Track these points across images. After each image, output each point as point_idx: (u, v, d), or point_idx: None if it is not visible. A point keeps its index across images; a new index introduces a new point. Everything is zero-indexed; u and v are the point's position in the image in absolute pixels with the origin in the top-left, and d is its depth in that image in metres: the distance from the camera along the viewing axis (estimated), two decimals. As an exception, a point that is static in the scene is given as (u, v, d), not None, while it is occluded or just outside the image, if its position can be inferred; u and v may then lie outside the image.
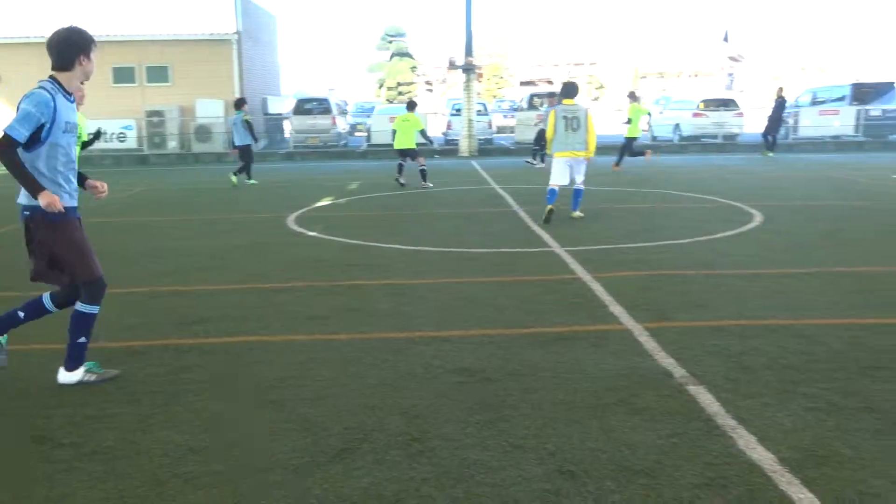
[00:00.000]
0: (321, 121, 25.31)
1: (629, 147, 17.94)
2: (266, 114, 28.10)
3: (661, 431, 3.32)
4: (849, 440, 3.20)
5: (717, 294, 5.80)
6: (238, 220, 10.76)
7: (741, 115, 25.28)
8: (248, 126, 15.71)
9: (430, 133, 22.92)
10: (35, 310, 4.15)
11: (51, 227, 3.87)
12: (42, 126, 3.76)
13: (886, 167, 16.86)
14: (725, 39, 69.98)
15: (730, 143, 24.31)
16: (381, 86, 68.87)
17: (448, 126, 26.92)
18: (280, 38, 34.63)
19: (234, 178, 15.79)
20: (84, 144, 8.25)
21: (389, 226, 9.81)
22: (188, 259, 7.79)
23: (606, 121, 31.64)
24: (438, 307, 5.59)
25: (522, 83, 67.00)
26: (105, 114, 22.22)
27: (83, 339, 4.04)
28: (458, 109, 25.30)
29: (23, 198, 3.87)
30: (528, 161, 19.47)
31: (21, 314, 4.14)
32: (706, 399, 3.67)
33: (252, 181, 16.06)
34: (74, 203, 4.01)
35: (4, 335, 4.15)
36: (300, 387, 3.98)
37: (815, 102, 25.48)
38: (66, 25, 3.94)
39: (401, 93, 65.48)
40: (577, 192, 9.82)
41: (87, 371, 4.08)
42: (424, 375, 4.11)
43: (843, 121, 24.20)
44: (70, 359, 4.06)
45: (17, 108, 3.76)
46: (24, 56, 21.82)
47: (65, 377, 4.06)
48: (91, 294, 4.01)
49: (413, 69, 69.81)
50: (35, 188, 3.76)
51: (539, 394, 3.79)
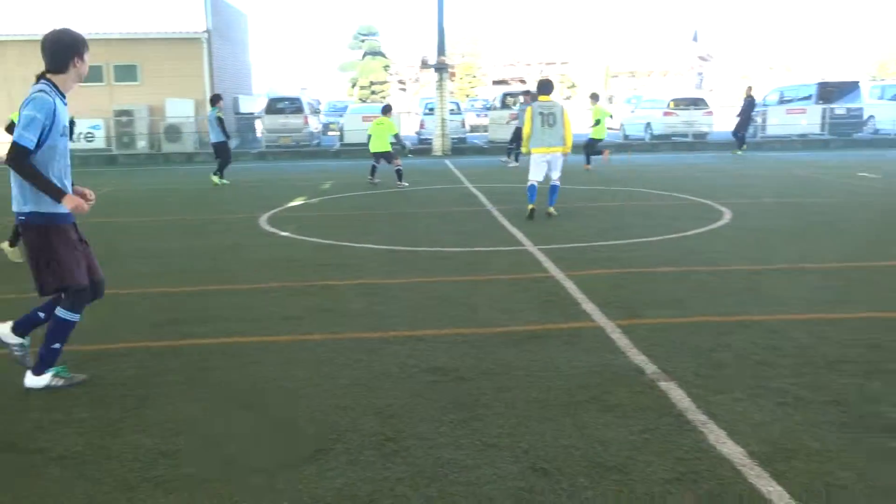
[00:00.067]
0: (293, 120, 25.12)
1: (593, 146, 18.22)
2: (237, 113, 27.85)
3: (633, 427, 3.35)
4: (816, 433, 3.26)
5: (688, 291, 5.87)
6: (209, 221, 10.64)
7: (711, 114, 25.64)
8: (220, 123, 15.48)
9: (404, 132, 23.00)
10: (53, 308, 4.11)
11: (43, 232, 3.82)
12: (43, 129, 3.72)
13: (851, 165, 17.20)
14: (695, 39, 70.84)
15: (700, 142, 24.62)
16: (354, 85, 68.54)
17: (421, 125, 26.84)
18: (251, 37, 34.40)
19: (216, 179, 15.61)
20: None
21: (362, 225, 9.78)
22: (157, 261, 7.68)
23: (579, 120, 31.78)
24: (412, 307, 5.59)
25: (495, 82, 67.12)
26: (72, 113, 21.56)
27: (58, 346, 3.98)
28: (432, 109, 25.25)
29: (16, 204, 3.82)
30: (503, 160, 19.47)
31: (42, 315, 4.09)
32: (677, 395, 3.72)
33: (224, 180, 15.90)
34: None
35: (27, 336, 4.09)
36: (273, 388, 3.96)
37: (783, 101, 25.93)
38: (58, 27, 3.90)
39: (374, 92, 65.22)
40: (554, 189, 9.98)
41: (55, 376, 4.02)
42: (398, 375, 4.10)
43: (810, 119, 24.64)
44: (41, 363, 3.99)
45: (20, 115, 3.71)
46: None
47: (32, 381, 3.99)
48: (73, 301, 3.95)
49: (386, 68, 69.59)
50: (57, 194, 3.74)
51: (513, 392, 3.81)
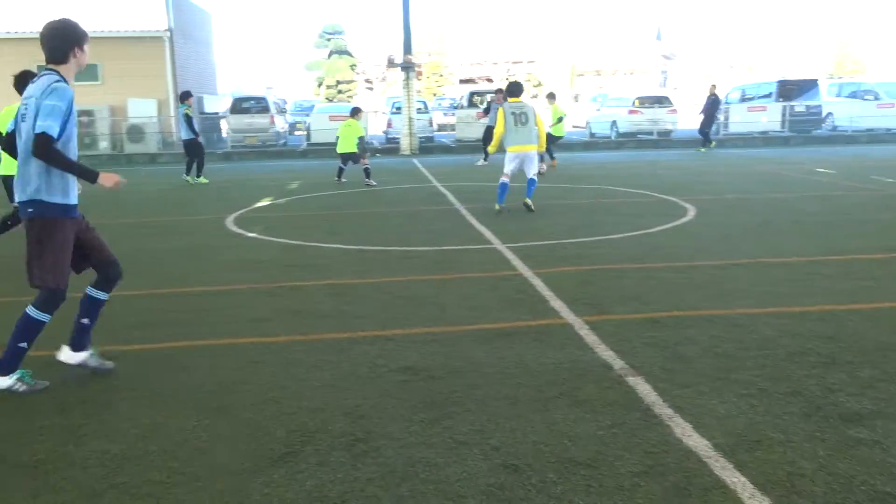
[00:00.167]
0: (259, 120, 24.88)
1: (552, 143, 18.38)
2: (202, 113, 27.39)
3: (602, 422, 3.39)
4: (778, 424, 3.33)
5: (653, 286, 5.95)
6: (175, 222, 10.49)
7: (675, 112, 26.02)
8: (188, 120, 15.36)
9: (371, 132, 22.90)
10: (91, 308, 4.10)
11: (49, 227, 3.78)
12: (65, 119, 3.70)
13: (810, 161, 17.58)
14: (658, 38, 71.73)
15: (664, 140, 24.96)
16: (321, 84, 68.04)
17: (388, 124, 26.73)
18: (215, 36, 33.93)
19: (189, 178, 15.56)
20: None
21: (330, 225, 9.73)
22: (121, 264, 7.53)
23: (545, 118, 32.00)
24: (381, 306, 5.58)
25: (462, 81, 67.20)
26: (30, 114, 21.31)
27: (24, 345, 3.89)
28: (399, 108, 25.16)
29: (23, 195, 3.77)
30: (479, 163, 19.21)
31: (85, 321, 4.08)
32: (644, 389, 3.77)
33: (188, 178, 15.76)
34: (76, 200, 3.92)
35: (90, 347, 4.14)
36: (242, 391, 3.92)
37: (744, 99, 26.42)
38: (58, 18, 3.85)
39: (340, 91, 64.83)
40: (531, 182, 10.28)
41: (18, 379, 3.91)
42: (368, 375, 4.09)
43: (771, 117, 25.13)
44: (4, 362, 3.89)
45: (40, 106, 3.64)
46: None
47: None
48: (47, 301, 3.88)
49: (352, 67, 69.21)
50: (91, 175, 3.78)
51: (483, 390, 3.83)
